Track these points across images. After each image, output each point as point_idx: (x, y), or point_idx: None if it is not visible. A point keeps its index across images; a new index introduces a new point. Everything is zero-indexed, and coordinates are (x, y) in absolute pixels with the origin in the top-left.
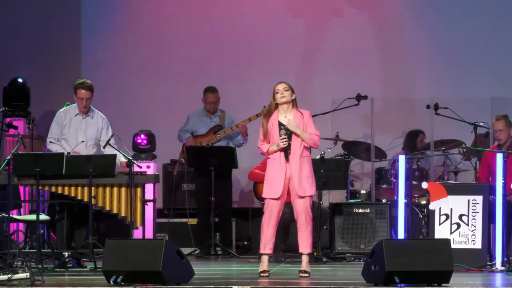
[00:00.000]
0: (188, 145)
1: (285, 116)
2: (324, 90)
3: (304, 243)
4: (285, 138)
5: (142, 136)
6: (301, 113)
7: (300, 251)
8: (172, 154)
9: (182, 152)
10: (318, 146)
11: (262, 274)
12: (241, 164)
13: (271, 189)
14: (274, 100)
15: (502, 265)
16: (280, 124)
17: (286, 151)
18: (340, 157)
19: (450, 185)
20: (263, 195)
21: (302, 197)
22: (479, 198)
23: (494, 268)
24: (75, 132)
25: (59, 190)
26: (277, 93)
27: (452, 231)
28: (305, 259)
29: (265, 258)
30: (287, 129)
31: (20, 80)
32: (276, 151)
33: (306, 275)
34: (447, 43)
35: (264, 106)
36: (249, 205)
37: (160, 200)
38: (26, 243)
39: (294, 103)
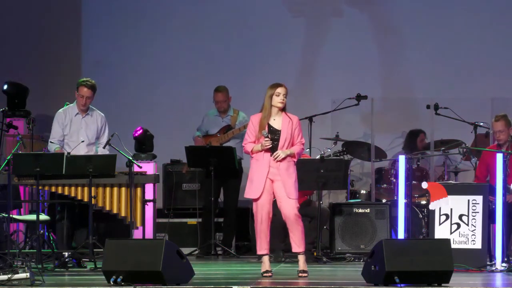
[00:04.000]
0: (197, 145)
1: (274, 119)
2: (324, 90)
3: (296, 243)
4: (268, 139)
5: (139, 129)
6: (290, 118)
7: (294, 251)
8: (172, 154)
9: None
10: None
11: (265, 274)
12: (242, 164)
13: (251, 188)
14: (270, 101)
15: (502, 265)
16: (270, 126)
17: (272, 151)
18: (339, 157)
19: (450, 185)
20: (245, 195)
21: (289, 199)
22: (479, 198)
23: (494, 268)
24: (76, 131)
25: (59, 190)
26: (277, 95)
27: (452, 231)
28: (301, 258)
29: (265, 258)
30: (270, 130)
31: (4, 87)
32: (259, 151)
33: (305, 274)
34: (447, 43)
35: None
36: (249, 205)
37: (160, 200)
38: (26, 243)
39: (284, 107)
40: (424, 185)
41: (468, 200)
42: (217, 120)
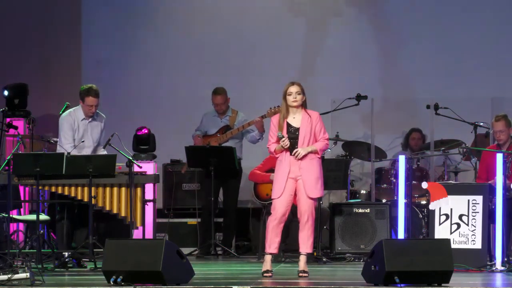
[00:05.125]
0: (197, 144)
1: (294, 117)
2: (324, 90)
3: (305, 243)
4: (284, 139)
5: (144, 129)
6: (309, 115)
7: (300, 251)
8: (172, 154)
9: None
10: (327, 148)
11: (265, 274)
12: (242, 164)
13: (274, 189)
14: (285, 101)
15: (502, 265)
16: (288, 125)
17: (291, 150)
18: (340, 157)
19: (450, 185)
20: (272, 196)
21: (308, 198)
22: (479, 198)
23: (494, 268)
24: (82, 136)
25: (59, 190)
26: (289, 95)
27: (452, 231)
28: (303, 259)
29: (268, 258)
30: (289, 128)
31: (5, 93)
32: (282, 151)
33: (305, 275)
34: (447, 43)
35: (275, 107)
36: (249, 205)
37: (160, 200)
38: (26, 243)
39: (303, 104)
40: (424, 185)
41: (468, 200)
42: (215, 120)
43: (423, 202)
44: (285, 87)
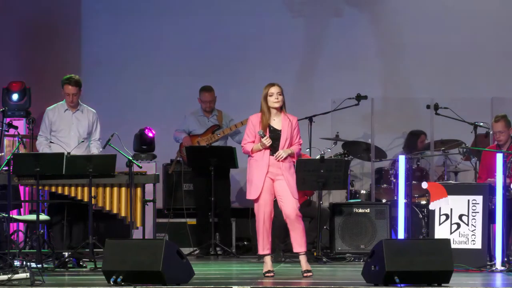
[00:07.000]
0: (186, 145)
1: (274, 119)
2: (324, 90)
3: (298, 242)
4: (267, 137)
5: (148, 131)
6: (290, 119)
7: (295, 251)
8: (172, 154)
9: (179, 151)
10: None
11: (267, 275)
12: (240, 164)
13: (251, 189)
14: (266, 103)
15: (502, 265)
16: (270, 127)
17: (272, 151)
18: (340, 157)
19: (450, 185)
20: (246, 196)
21: (293, 198)
22: (479, 198)
23: (494, 268)
24: (67, 127)
25: (59, 190)
26: (271, 95)
27: (452, 231)
28: (303, 258)
29: (267, 259)
30: (270, 130)
31: (14, 97)
32: (259, 150)
33: (310, 274)
34: (447, 43)
35: None
36: (249, 205)
37: (160, 200)
38: (26, 243)
39: (282, 107)
40: (424, 185)
41: (468, 200)
42: (203, 120)
43: (423, 202)
44: (265, 89)
